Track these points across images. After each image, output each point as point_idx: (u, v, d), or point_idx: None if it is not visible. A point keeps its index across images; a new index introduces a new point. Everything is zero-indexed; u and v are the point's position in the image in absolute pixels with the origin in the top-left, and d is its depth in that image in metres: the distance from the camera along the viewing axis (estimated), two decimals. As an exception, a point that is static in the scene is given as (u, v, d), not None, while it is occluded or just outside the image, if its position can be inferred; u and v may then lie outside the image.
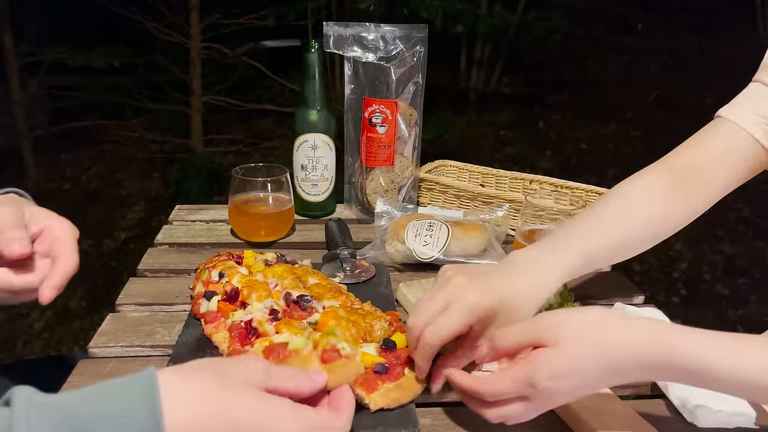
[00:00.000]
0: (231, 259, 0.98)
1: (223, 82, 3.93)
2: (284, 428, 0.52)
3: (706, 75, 5.42)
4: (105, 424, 0.46)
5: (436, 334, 0.67)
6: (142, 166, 4.19)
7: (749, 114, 0.83)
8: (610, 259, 0.83)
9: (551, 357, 0.59)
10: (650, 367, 0.59)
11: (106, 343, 0.85)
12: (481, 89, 5.29)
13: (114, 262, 3.24)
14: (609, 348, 0.59)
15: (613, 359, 0.59)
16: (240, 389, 0.52)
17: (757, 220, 3.57)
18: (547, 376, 0.58)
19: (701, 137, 0.86)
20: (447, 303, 0.68)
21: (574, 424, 0.70)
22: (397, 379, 0.72)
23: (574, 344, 0.59)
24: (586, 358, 0.58)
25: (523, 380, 0.59)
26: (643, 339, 0.58)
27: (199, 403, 0.50)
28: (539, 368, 0.59)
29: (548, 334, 0.60)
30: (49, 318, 2.77)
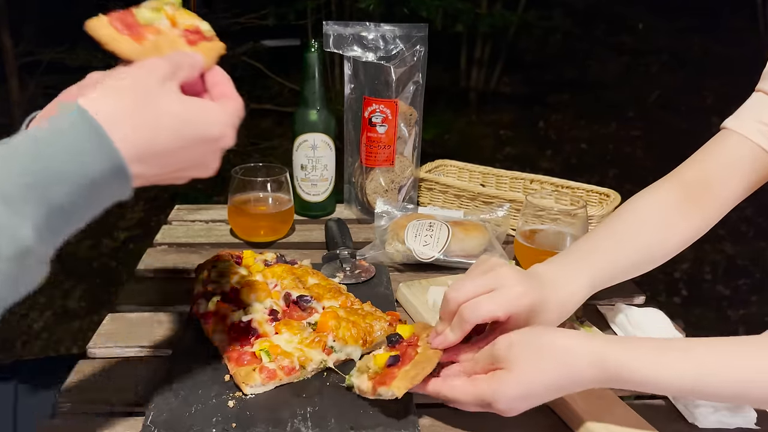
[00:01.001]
0: (231, 259, 0.98)
1: (223, 82, 3.92)
2: (215, 115, 0.56)
3: (707, 75, 5.42)
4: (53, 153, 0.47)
5: (477, 311, 0.68)
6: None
7: (753, 124, 0.84)
8: (630, 273, 0.85)
9: (507, 382, 0.63)
10: (599, 382, 0.64)
11: (106, 343, 0.84)
12: (481, 89, 5.28)
13: (113, 262, 3.23)
14: (559, 371, 0.63)
15: (564, 381, 0.64)
16: (162, 89, 0.54)
17: (759, 220, 3.56)
18: (503, 400, 0.64)
19: (708, 150, 0.88)
20: (493, 287, 0.69)
21: (574, 425, 0.70)
22: (411, 360, 0.70)
23: (526, 370, 0.63)
24: (538, 383, 0.64)
25: (481, 399, 0.65)
26: (589, 359, 0.62)
27: (133, 109, 0.51)
28: (496, 392, 0.64)
29: (503, 358, 0.64)
30: (48, 318, 2.77)
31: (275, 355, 0.75)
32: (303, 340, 0.78)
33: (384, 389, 0.68)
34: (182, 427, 0.67)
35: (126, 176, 0.51)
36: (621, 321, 0.91)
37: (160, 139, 0.53)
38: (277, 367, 0.74)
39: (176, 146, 0.54)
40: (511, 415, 0.66)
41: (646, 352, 0.63)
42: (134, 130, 0.51)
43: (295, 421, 0.68)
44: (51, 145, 0.47)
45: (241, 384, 0.73)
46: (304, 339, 0.79)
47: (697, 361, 0.62)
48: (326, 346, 0.78)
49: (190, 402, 0.71)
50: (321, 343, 0.78)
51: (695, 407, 0.71)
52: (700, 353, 0.62)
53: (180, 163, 0.56)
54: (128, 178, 0.51)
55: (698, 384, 0.62)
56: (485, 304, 0.68)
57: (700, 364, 0.62)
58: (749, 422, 0.70)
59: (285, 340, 0.78)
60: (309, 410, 0.70)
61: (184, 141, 0.54)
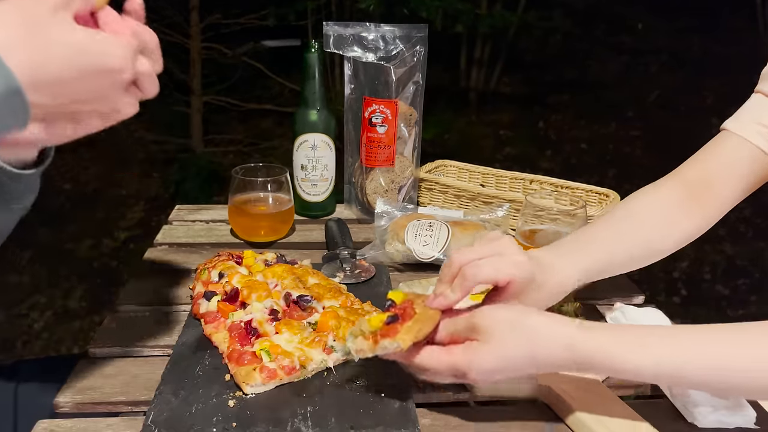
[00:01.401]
0: (231, 259, 0.98)
1: (223, 82, 3.93)
2: (110, 47, 0.55)
3: (706, 75, 5.42)
4: None
5: (479, 273, 0.69)
6: (142, 166, 4.19)
7: (752, 125, 0.85)
8: (626, 267, 0.86)
9: (482, 353, 0.64)
10: (571, 366, 0.65)
11: (106, 343, 0.85)
12: (481, 89, 5.28)
13: (114, 262, 3.23)
14: (535, 349, 0.64)
15: (536, 361, 0.65)
16: (54, 18, 0.53)
17: (757, 221, 3.57)
18: (476, 370, 0.64)
19: (709, 150, 0.89)
20: (497, 253, 0.71)
21: (574, 425, 0.70)
22: (412, 316, 0.69)
23: (503, 344, 0.64)
24: (513, 358, 0.65)
25: (456, 368, 0.65)
26: (563, 343, 0.64)
27: (25, 37, 0.51)
28: (471, 362, 0.64)
29: (482, 329, 0.65)
30: (48, 318, 2.77)
31: (275, 355, 0.75)
32: (303, 340, 0.79)
33: (388, 341, 0.67)
34: (183, 427, 0.67)
35: (23, 102, 0.51)
36: (620, 321, 0.91)
37: (52, 67, 0.53)
38: (278, 366, 0.74)
39: (70, 76, 0.54)
40: (482, 387, 0.70)
41: (614, 340, 0.64)
42: (28, 57, 0.51)
43: (295, 421, 0.68)
44: None
45: (241, 383, 0.73)
46: (305, 339, 0.79)
47: (662, 344, 0.63)
48: (326, 346, 0.78)
49: (191, 401, 0.71)
50: (321, 342, 0.78)
51: (694, 406, 0.72)
52: (668, 337, 0.64)
53: (77, 95, 0.56)
54: (26, 104, 0.52)
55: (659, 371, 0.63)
56: (487, 267, 0.69)
57: (665, 348, 0.63)
58: (749, 422, 0.70)
59: (285, 339, 0.78)
60: (309, 410, 0.70)
61: (78, 71, 0.54)
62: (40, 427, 0.69)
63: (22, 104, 0.52)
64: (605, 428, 0.67)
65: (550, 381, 0.75)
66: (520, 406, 0.75)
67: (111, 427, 0.69)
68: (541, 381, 0.75)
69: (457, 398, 0.77)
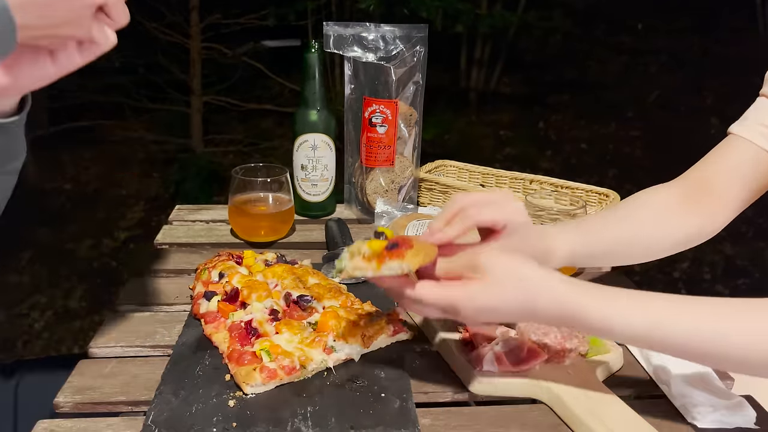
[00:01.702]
0: (231, 259, 0.98)
1: (223, 82, 3.93)
2: None
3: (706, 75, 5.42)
4: None
5: (481, 213, 0.71)
6: (142, 166, 4.19)
7: (757, 127, 0.86)
8: (619, 258, 0.87)
9: (477, 292, 0.65)
10: (561, 319, 0.67)
11: (106, 343, 0.85)
12: (481, 89, 5.29)
13: (114, 262, 3.23)
14: (529, 297, 0.65)
15: (526, 309, 0.66)
16: None
17: (759, 221, 3.56)
18: (469, 308, 0.65)
19: (714, 155, 0.90)
20: (498, 200, 0.73)
21: (574, 425, 0.70)
22: (412, 246, 0.68)
23: (501, 287, 0.65)
24: (507, 302, 0.65)
25: (449, 303, 0.66)
26: (551, 296, 0.65)
27: None
28: (465, 299, 0.65)
29: (481, 268, 0.66)
30: (49, 318, 2.77)
31: (276, 355, 0.75)
32: (303, 340, 0.79)
33: (396, 262, 0.66)
34: (183, 427, 0.67)
35: (10, 22, 0.54)
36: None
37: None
38: (278, 366, 0.74)
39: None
40: (471, 326, 0.73)
41: (602, 298, 0.66)
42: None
43: (295, 421, 0.68)
44: None
45: (241, 383, 0.73)
46: (305, 339, 0.79)
47: (649, 311, 0.64)
48: (326, 346, 0.78)
49: (191, 401, 0.71)
50: (321, 342, 0.78)
51: (694, 406, 0.72)
52: (654, 304, 0.65)
53: (55, 18, 0.58)
54: (13, 25, 0.54)
55: (648, 333, 0.64)
56: (489, 209, 0.71)
57: (652, 314, 0.64)
58: (748, 422, 0.71)
59: (285, 339, 0.78)
60: (309, 410, 0.70)
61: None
62: (40, 427, 0.69)
63: (9, 25, 0.54)
64: (605, 428, 0.67)
65: (550, 381, 0.75)
66: (520, 406, 0.75)
67: (111, 427, 0.69)
68: (541, 381, 0.75)
69: (457, 398, 0.77)
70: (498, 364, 0.76)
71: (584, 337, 0.80)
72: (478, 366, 0.77)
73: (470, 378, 0.76)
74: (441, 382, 0.78)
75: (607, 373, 0.80)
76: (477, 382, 0.76)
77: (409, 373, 0.78)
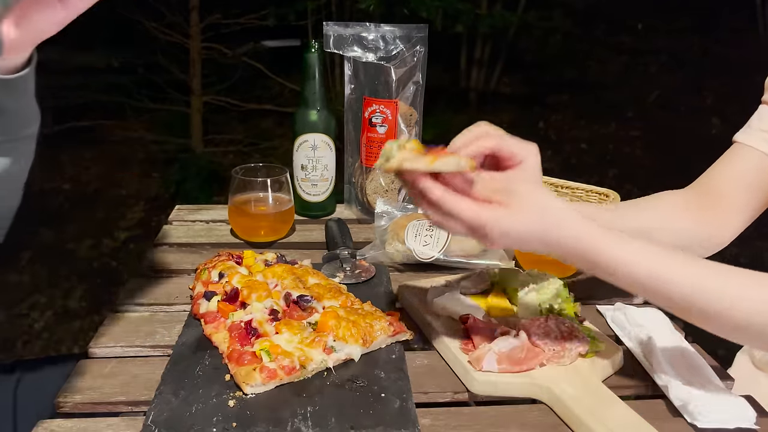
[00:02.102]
0: (231, 259, 0.98)
1: (223, 82, 3.93)
2: None
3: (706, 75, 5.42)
4: None
5: (504, 140, 0.74)
6: (142, 166, 4.19)
7: (759, 133, 0.87)
8: None
9: (506, 216, 0.69)
10: (575, 253, 0.69)
11: (106, 343, 0.85)
12: (481, 89, 5.29)
13: (114, 262, 3.24)
14: (552, 227, 0.69)
15: (550, 238, 0.69)
16: None
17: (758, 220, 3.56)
18: (497, 230, 0.69)
19: (719, 163, 0.92)
20: (517, 138, 0.75)
21: (574, 425, 0.70)
22: (444, 151, 0.71)
23: (527, 214, 0.69)
24: (530, 228, 0.69)
25: (480, 223, 0.69)
26: (571, 234, 0.69)
27: None
28: (494, 221, 0.68)
29: (509, 192, 0.69)
30: (49, 318, 2.77)
31: (275, 355, 0.75)
32: (303, 340, 0.79)
33: (453, 158, 0.68)
34: (183, 427, 0.67)
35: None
36: (620, 321, 0.91)
37: None
38: (278, 366, 0.74)
39: None
40: (493, 247, 0.78)
41: (615, 241, 0.68)
42: None
43: (295, 421, 0.68)
44: None
45: (241, 383, 0.73)
46: (305, 339, 0.79)
47: (654, 258, 0.67)
48: (326, 346, 0.78)
49: (191, 401, 0.71)
50: (321, 342, 0.78)
51: (694, 406, 0.72)
52: (662, 256, 0.68)
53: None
54: None
55: (648, 280, 0.67)
56: (513, 141, 0.74)
57: (655, 262, 0.67)
58: (748, 422, 0.70)
59: (285, 339, 0.78)
60: (309, 410, 0.70)
61: None
62: (40, 428, 0.69)
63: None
64: (605, 428, 0.67)
65: (550, 381, 0.75)
66: (520, 406, 0.75)
67: (111, 427, 0.69)
68: (541, 381, 0.75)
69: (457, 398, 0.77)
70: (498, 364, 0.76)
71: (584, 337, 0.80)
72: (478, 366, 0.77)
73: (470, 378, 0.76)
74: (441, 382, 0.78)
75: (607, 373, 0.80)
76: (477, 382, 0.76)
77: (409, 373, 0.78)
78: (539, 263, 1.02)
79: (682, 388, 0.74)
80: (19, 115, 0.70)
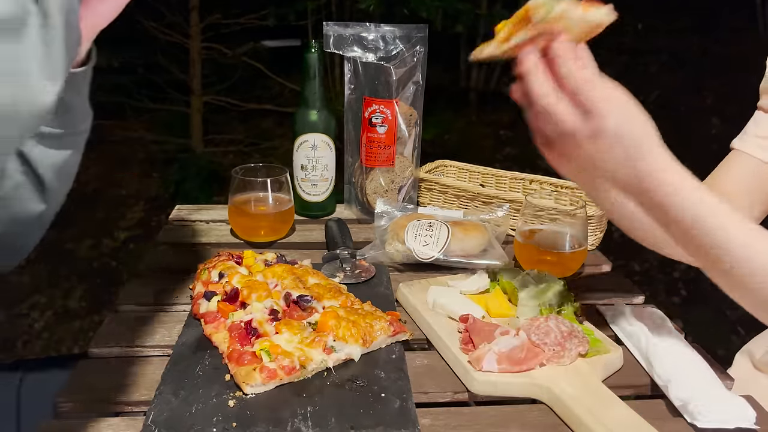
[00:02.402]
0: (231, 259, 0.98)
1: (223, 82, 3.93)
2: None
3: (706, 75, 5.42)
4: None
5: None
6: (142, 166, 4.19)
7: (755, 140, 0.89)
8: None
9: (593, 126, 0.66)
10: (638, 191, 0.68)
11: (106, 343, 0.85)
12: (481, 89, 5.29)
13: (114, 262, 3.24)
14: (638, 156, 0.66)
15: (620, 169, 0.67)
16: None
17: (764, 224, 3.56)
18: (587, 136, 0.66)
19: (719, 171, 0.93)
20: None
21: (574, 425, 0.70)
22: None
23: (612, 129, 0.66)
24: (612, 146, 0.66)
25: (574, 124, 0.66)
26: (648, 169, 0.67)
27: None
28: (583, 129, 0.66)
29: (598, 105, 0.66)
30: (49, 318, 2.77)
31: (275, 355, 0.75)
32: (303, 340, 0.79)
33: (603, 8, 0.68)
34: (183, 427, 0.67)
35: None
36: (620, 320, 0.91)
37: None
38: (278, 366, 0.74)
39: None
40: (557, 170, 0.73)
41: (682, 178, 0.67)
42: None
43: (295, 421, 0.68)
44: None
45: (241, 383, 0.73)
46: (305, 339, 0.79)
47: (701, 201, 0.67)
48: (326, 346, 0.78)
49: (191, 401, 0.71)
50: (321, 342, 0.78)
51: (694, 406, 0.72)
52: (709, 200, 0.67)
53: None
54: None
55: (694, 223, 0.67)
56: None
57: (702, 204, 0.67)
58: (748, 422, 0.70)
59: (285, 339, 0.78)
60: (309, 410, 0.70)
61: None
62: (42, 428, 0.69)
63: None
64: (605, 428, 0.67)
65: (550, 381, 0.75)
66: (520, 406, 0.75)
67: (111, 427, 0.69)
68: (541, 381, 0.75)
69: (457, 398, 0.77)
70: (498, 364, 0.76)
71: (584, 337, 0.80)
72: (478, 366, 0.77)
73: (470, 378, 0.76)
74: (441, 382, 0.78)
75: (607, 373, 0.80)
76: (477, 382, 0.76)
77: (409, 373, 0.79)
78: (539, 263, 1.02)
79: (682, 388, 0.74)
80: (79, 109, 0.73)
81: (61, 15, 0.49)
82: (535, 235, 1.04)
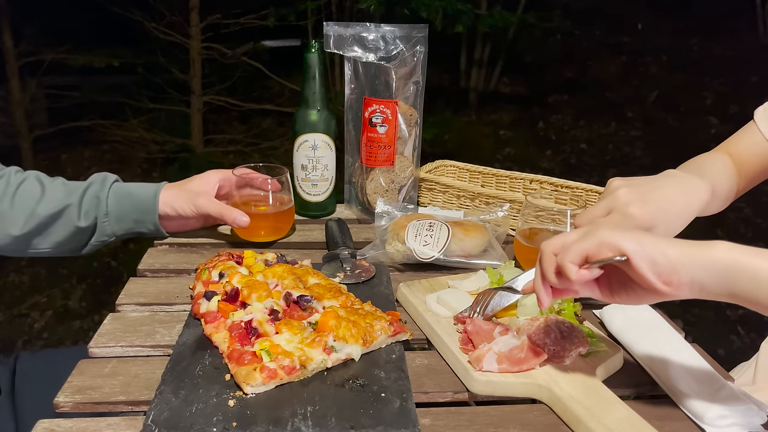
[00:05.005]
0: (231, 259, 0.98)
1: (223, 82, 3.93)
2: None
3: (706, 75, 5.42)
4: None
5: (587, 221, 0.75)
6: (142, 166, 4.19)
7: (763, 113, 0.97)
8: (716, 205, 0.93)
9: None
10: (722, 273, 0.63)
11: (106, 343, 0.85)
12: (481, 89, 5.29)
13: (114, 262, 3.24)
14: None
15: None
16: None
17: (757, 221, 3.56)
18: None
19: (737, 134, 1.02)
20: (609, 209, 0.76)
21: (574, 425, 0.70)
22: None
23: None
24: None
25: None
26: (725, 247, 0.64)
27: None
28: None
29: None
30: (49, 318, 2.77)
31: (276, 355, 0.75)
32: (303, 340, 0.79)
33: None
34: (183, 426, 0.67)
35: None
36: (618, 320, 0.91)
37: None
38: (278, 366, 0.74)
39: None
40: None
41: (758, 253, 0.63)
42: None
43: (295, 421, 0.68)
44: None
45: (241, 383, 0.73)
46: (305, 338, 0.79)
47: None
48: (326, 346, 0.78)
49: (191, 401, 0.71)
50: (321, 342, 0.78)
51: (705, 411, 0.71)
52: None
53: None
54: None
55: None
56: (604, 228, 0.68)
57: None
58: (756, 426, 0.70)
59: (285, 339, 0.79)
60: (309, 409, 0.70)
61: None
62: (41, 427, 0.69)
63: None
64: (605, 428, 0.67)
65: (550, 381, 0.75)
66: (520, 406, 0.75)
67: (111, 427, 0.69)
68: (541, 381, 0.75)
69: (457, 398, 0.77)
70: (498, 364, 0.76)
71: (584, 337, 0.80)
72: (478, 366, 0.77)
73: (470, 378, 0.76)
74: (441, 382, 0.78)
75: (607, 373, 0.80)
76: (477, 382, 0.76)
77: (409, 373, 0.79)
78: (539, 263, 1.02)
79: (682, 388, 0.74)
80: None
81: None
82: (535, 235, 1.04)
